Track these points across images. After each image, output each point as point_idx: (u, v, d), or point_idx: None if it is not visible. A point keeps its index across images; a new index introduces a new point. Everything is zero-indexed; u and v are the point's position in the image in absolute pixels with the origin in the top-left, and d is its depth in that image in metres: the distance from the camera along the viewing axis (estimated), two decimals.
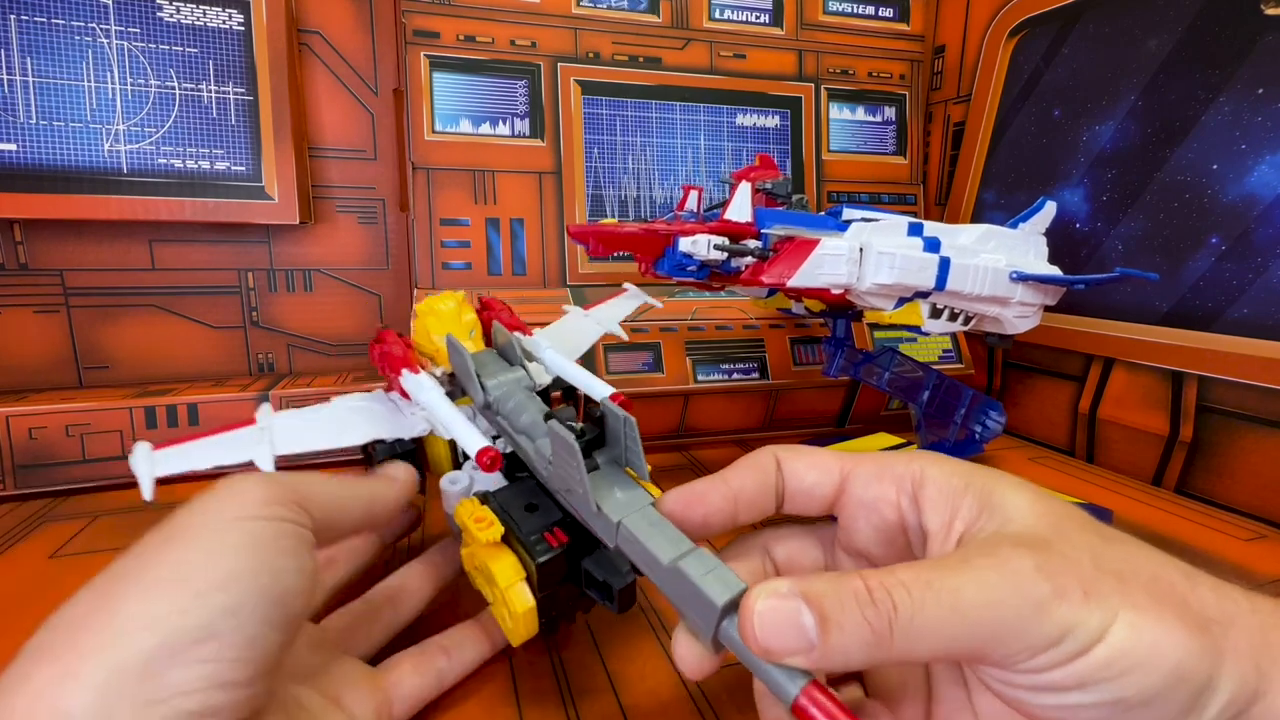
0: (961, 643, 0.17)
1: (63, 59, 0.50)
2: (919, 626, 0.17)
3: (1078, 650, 0.17)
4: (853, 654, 0.17)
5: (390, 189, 0.63)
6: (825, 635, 0.17)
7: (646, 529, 0.21)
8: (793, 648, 0.17)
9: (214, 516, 0.19)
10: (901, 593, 0.18)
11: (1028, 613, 0.17)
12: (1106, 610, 0.17)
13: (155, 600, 0.17)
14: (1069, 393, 0.59)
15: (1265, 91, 0.45)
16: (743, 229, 0.37)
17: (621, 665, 0.30)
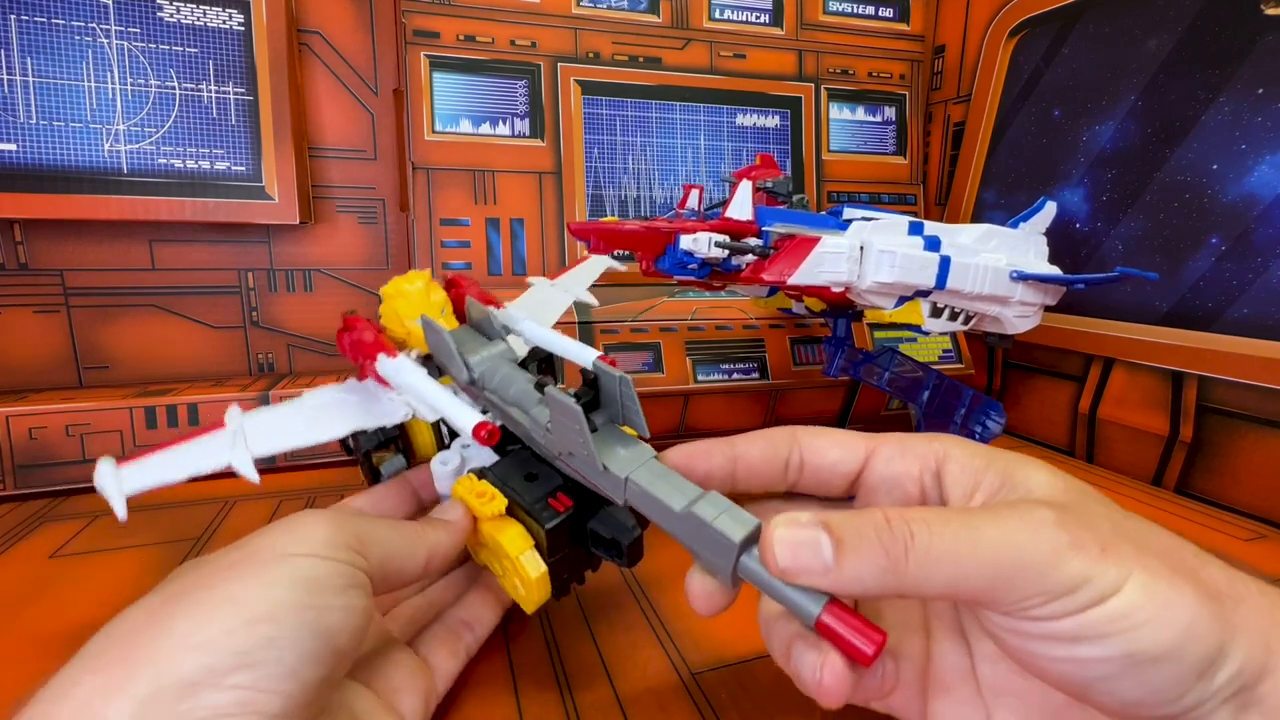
0: (975, 580, 0.18)
1: (63, 59, 0.50)
2: (934, 556, 0.18)
3: (1091, 600, 0.17)
4: (867, 578, 0.18)
5: (390, 189, 0.63)
6: (841, 558, 0.18)
7: (655, 481, 0.22)
8: (810, 569, 0.18)
9: (271, 550, 0.20)
10: (920, 525, 0.18)
11: (1044, 558, 0.18)
12: (1122, 567, 0.18)
13: (206, 623, 0.17)
14: (1069, 393, 0.59)
15: (1265, 91, 0.45)
16: (744, 227, 0.37)
17: (619, 656, 0.30)
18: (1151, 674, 0.17)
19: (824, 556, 0.18)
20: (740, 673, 0.29)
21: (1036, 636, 0.18)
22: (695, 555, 0.21)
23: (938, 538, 0.18)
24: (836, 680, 0.19)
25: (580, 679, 0.29)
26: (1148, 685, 0.17)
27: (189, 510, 0.45)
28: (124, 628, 0.18)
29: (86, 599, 0.34)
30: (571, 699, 0.28)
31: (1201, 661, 0.17)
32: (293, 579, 0.19)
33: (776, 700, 0.28)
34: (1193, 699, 0.17)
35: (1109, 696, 0.18)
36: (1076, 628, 0.17)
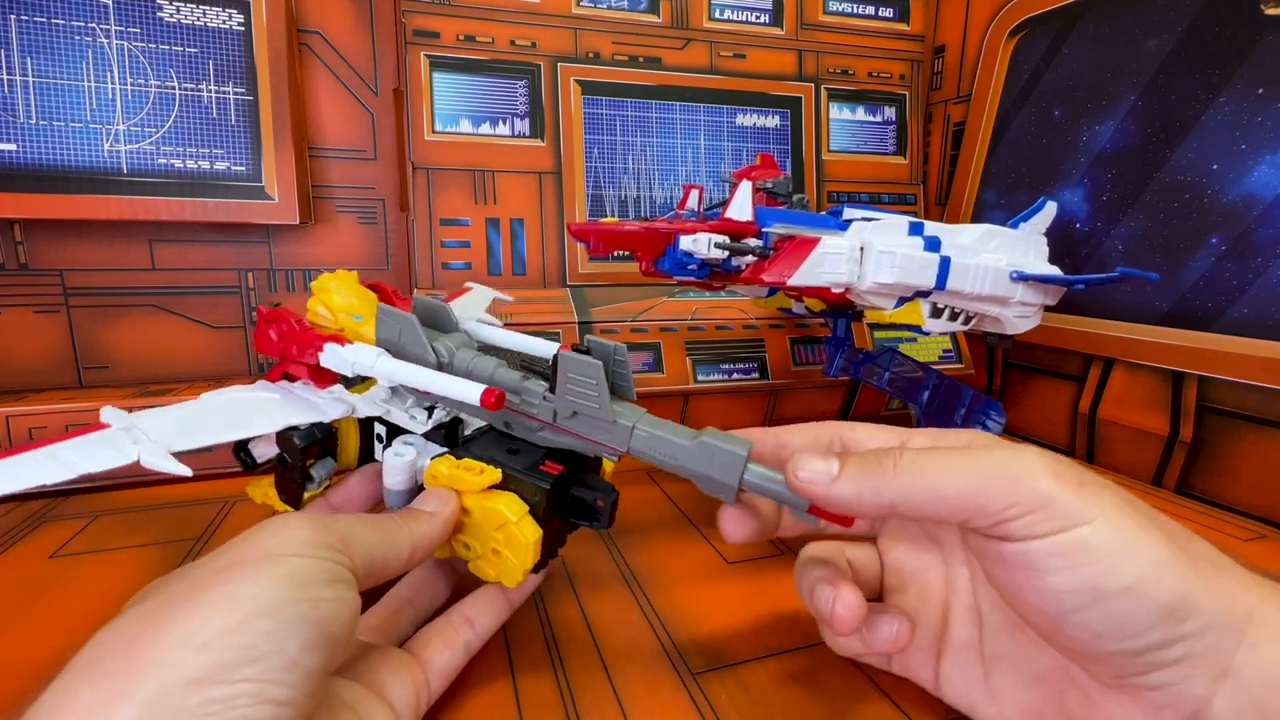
0: (954, 487, 0.21)
1: (63, 59, 0.50)
2: (919, 469, 0.21)
3: (1061, 524, 0.20)
4: (863, 487, 0.22)
5: (390, 189, 0.63)
6: (843, 471, 0.22)
7: (659, 426, 0.26)
8: (817, 479, 0.23)
9: (258, 551, 0.20)
10: (909, 453, 0.22)
11: (1021, 473, 0.20)
12: (1095, 505, 0.20)
13: (206, 623, 0.18)
14: (1069, 393, 0.59)
15: (1265, 91, 0.45)
16: (744, 228, 0.37)
17: (619, 656, 0.30)
18: (1116, 606, 0.19)
19: (831, 470, 0.22)
20: (740, 673, 0.29)
21: (1017, 565, 0.21)
22: (700, 480, 0.25)
23: (923, 457, 0.22)
24: (846, 609, 0.24)
25: (580, 678, 0.29)
26: (1112, 618, 0.19)
27: (189, 510, 0.45)
28: (118, 636, 0.18)
29: (86, 599, 0.34)
30: (572, 699, 0.28)
31: (1166, 603, 0.19)
32: (283, 576, 0.19)
33: (777, 700, 0.28)
34: (1156, 637, 0.19)
35: (1080, 629, 0.20)
36: (1046, 550, 0.20)
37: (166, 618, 0.18)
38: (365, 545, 0.23)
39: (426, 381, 0.27)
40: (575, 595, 0.35)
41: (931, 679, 0.26)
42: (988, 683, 0.25)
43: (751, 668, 0.30)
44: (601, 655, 0.30)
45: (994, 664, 0.25)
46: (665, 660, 0.30)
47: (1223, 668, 0.19)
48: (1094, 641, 0.20)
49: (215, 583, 0.19)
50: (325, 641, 0.19)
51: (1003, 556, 0.21)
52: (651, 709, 0.27)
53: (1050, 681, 0.23)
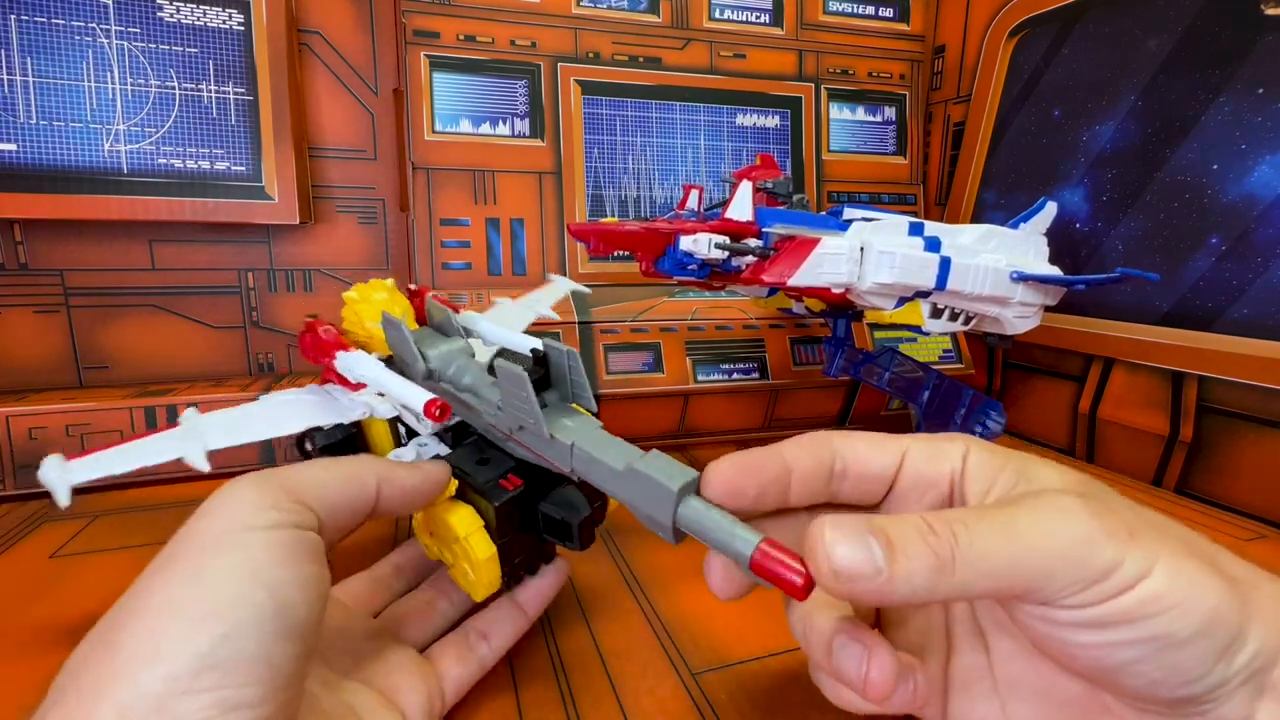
0: (1017, 575, 0.18)
1: (63, 59, 0.50)
2: (978, 555, 0.18)
3: (1125, 585, 0.18)
4: (918, 580, 0.18)
5: (390, 189, 0.63)
6: (893, 561, 0.18)
7: (600, 445, 0.22)
8: (863, 573, 0.18)
9: (203, 537, 0.19)
10: (960, 526, 0.18)
11: (1079, 545, 0.18)
12: (1149, 552, 0.18)
13: (152, 634, 0.16)
14: (1069, 393, 0.59)
15: (1265, 91, 0.45)
16: (744, 228, 0.37)
17: (619, 656, 0.30)
18: (1179, 656, 0.18)
19: (876, 560, 0.18)
20: (740, 673, 0.29)
21: (1069, 625, 0.18)
22: (637, 513, 0.21)
23: (979, 537, 0.18)
24: (883, 674, 0.20)
25: (580, 679, 0.29)
26: (1174, 666, 0.18)
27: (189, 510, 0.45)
28: (78, 656, 0.17)
29: (86, 599, 0.34)
30: (571, 698, 0.28)
31: (1225, 642, 0.17)
32: (231, 565, 0.18)
33: (777, 700, 0.28)
34: (1215, 679, 0.18)
35: (1137, 679, 0.18)
36: (1108, 614, 0.18)
37: (116, 636, 0.17)
38: (320, 486, 0.21)
39: (387, 385, 0.28)
40: (575, 595, 0.35)
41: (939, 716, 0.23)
42: (1005, 713, 0.22)
43: (751, 668, 0.30)
44: (601, 655, 0.30)
45: (1010, 693, 0.22)
46: (665, 660, 0.30)
47: (1263, 685, 0.18)
48: (1150, 689, 0.18)
49: (160, 585, 0.18)
50: (290, 630, 0.18)
51: (1053, 619, 0.19)
52: (651, 709, 0.27)
53: (1078, 707, 0.21)
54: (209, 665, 0.16)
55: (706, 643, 0.31)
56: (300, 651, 0.18)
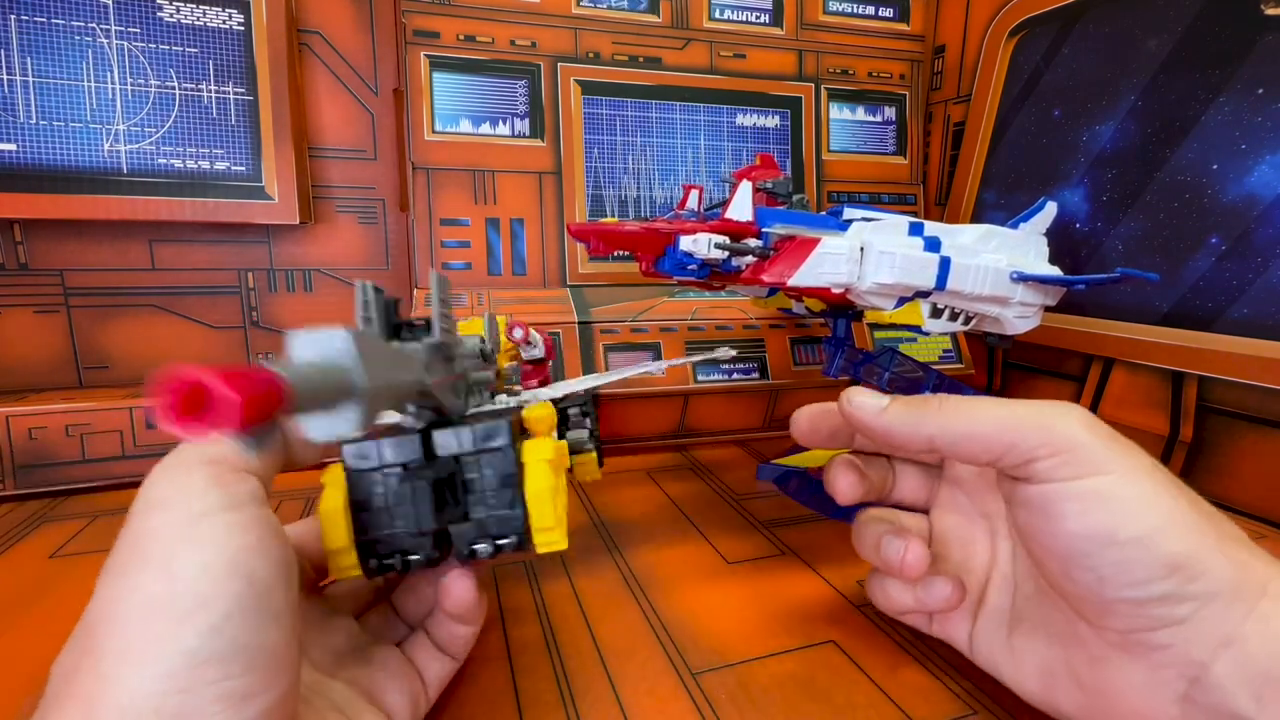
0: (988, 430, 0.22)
1: (63, 59, 0.50)
2: (957, 410, 0.23)
3: (1083, 470, 0.21)
4: (905, 418, 0.25)
5: (390, 189, 0.63)
6: (892, 404, 0.25)
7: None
8: (867, 408, 0.26)
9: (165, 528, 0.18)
10: (953, 398, 0.24)
11: (1053, 419, 0.22)
12: (1121, 459, 0.21)
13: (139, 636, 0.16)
14: (1069, 393, 0.59)
15: (1265, 91, 0.45)
16: (743, 228, 0.37)
17: (619, 656, 0.30)
18: (1123, 553, 0.20)
19: (881, 403, 0.25)
20: (740, 673, 0.29)
21: (1036, 506, 0.22)
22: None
23: (964, 402, 0.23)
24: (916, 556, 0.27)
25: (580, 679, 0.29)
26: (1118, 564, 0.20)
27: None
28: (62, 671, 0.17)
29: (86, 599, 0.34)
30: (572, 699, 0.28)
31: (1175, 558, 0.19)
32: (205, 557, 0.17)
33: (777, 700, 0.28)
34: (1160, 590, 0.20)
35: (1087, 572, 0.21)
36: (1066, 493, 0.21)
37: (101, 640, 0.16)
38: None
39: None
40: (575, 596, 0.35)
41: (965, 640, 0.28)
42: (1009, 642, 0.26)
43: (751, 668, 0.30)
44: (601, 655, 0.30)
45: (1016, 625, 0.26)
46: (665, 660, 0.30)
47: (1228, 635, 0.19)
48: (1098, 586, 0.21)
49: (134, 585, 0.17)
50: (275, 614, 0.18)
51: (1025, 499, 0.22)
52: (651, 709, 0.27)
53: (1061, 640, 0.24)
54: (203, 660, 0.16)
55: (706, 643, 0.31)
56: (289, 634, 0.18)
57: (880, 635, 0.32)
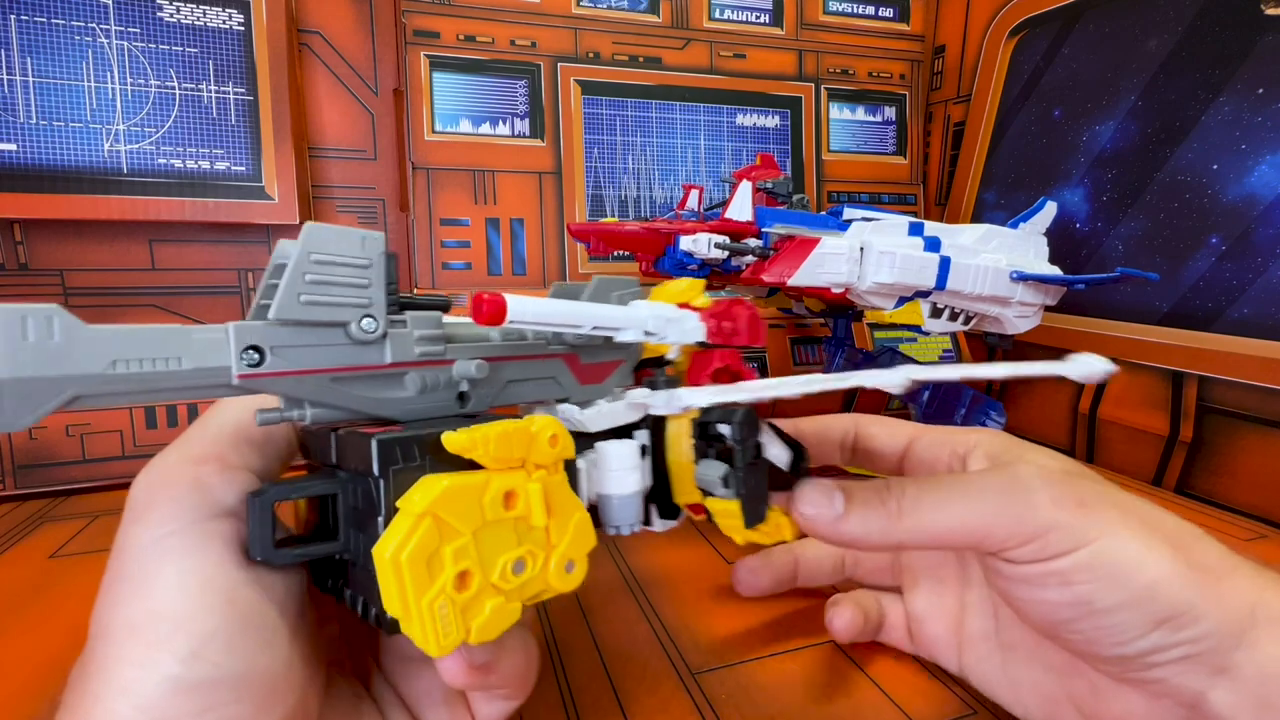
0: (956, 526, 0.21)
1: (63, 59, 0.50)
2: (923, 506, 0.21)
3: (1061, 549, 0.20)
4: (871, 526, 0.21)
5: (390, 189, 0.63)
6: (849, 509, 0.22)
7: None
8: (823, 516, 0.22)
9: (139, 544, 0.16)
10: (912, 485, 0.22)
11: (1020, 506, 0.20)
12: (1097, 525, 0.20)
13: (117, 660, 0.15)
14: (1069, 393, 0.59)
15: (1265, 91, 0.45)
16: (743, 228, 0.37)
17: (619, 656, 0.30)
18: (1108, 620, 0.19)
19: (836, 507, 0.22)
20: (740, 673, 0.29)
21: (1016, 580, 0.21)
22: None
23: (927, 491, 0.21)
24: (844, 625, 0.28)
25: (580, 678, 0.29)
26: (1106, 629, 0.20)
27: None
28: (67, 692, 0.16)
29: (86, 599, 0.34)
30: (572, 699, 0.28)
31: (1160, 616, 0.19)
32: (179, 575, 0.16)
33: (777, 700, 0.28)
34: (1149, 644, 0.19)
35: (1075, 635, 0.20)
36: (1045, 573, 0.20)
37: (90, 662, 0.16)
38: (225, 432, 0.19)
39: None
40: (575, 596, 0.35)
41: (955, 666, 0.28)
42: (1006, 672, 0.26)
43: (751, 668, 0.30)
44: (601, 655, 0.30)
45: (1009, 653, 0.25)
46: (665, 660, 0.30)
47: (1221, 665, 0.19)
48: (1089, 647, 0.20)
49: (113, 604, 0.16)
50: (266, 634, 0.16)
51: (1000, 570, 0.21)
52: (651, 709, 0.27)
53: (1059, 672, 0.24)
54: (185, 689, 0.15)
55: (706, 643, 0.31)
56: (289, 654, 0.17)
57: None
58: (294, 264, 0.16)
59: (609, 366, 0.23)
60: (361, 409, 0.18)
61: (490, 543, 0.17)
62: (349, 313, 0.17)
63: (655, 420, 0.23)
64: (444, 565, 0.16)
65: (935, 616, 0.28)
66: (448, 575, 0.16)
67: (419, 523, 0.16)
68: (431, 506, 0.16)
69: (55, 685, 0.27)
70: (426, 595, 0.16)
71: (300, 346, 0.16)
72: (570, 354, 0.22)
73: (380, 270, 0.17)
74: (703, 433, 0.22)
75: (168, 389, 0.15)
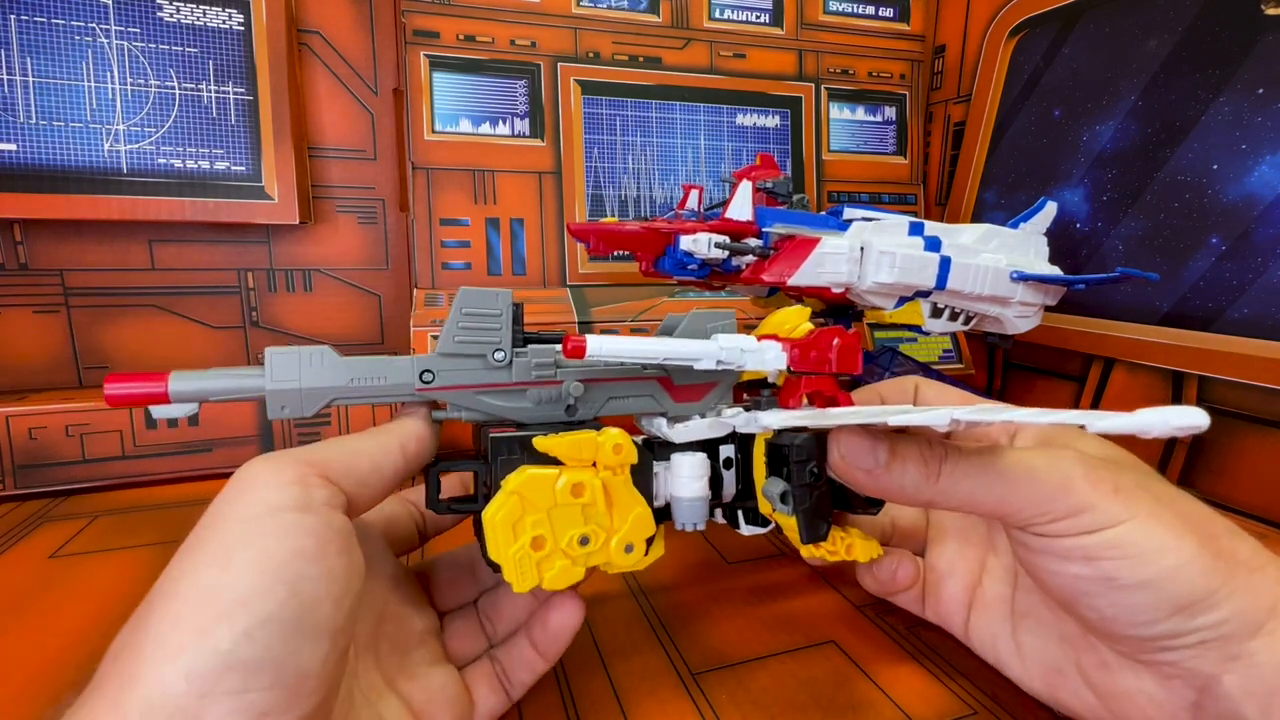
0: (992, 494, 0.21)
1: (63, 59, 0.50)
2: (960, 472, 0.21)
3: (1089, 527, 0.20)
4: (906, 482, 0.22)
5: (390, 189, 0.63)
6: (891, 461, 0.22)
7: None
8: (862, 464, 0.22)
9: (229, 519, 0.17)
10: (954, 449, 0.22)
11: (1055, 484, 0.21)
12: (1129, 508, 0.20)
13: (175, 624, 0.15)
14: (1069, 393, 0.59)
15: (1265, 91, 0.45)
16: (744, 227, 0.37)
17: (619, 656, 0.30)
18: (1127, 598, 0.20)
19: (879, 458, 0.22)
20: (740, 673, 0.29)
21: (1040, 551, 0.21)
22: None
23: (966, 459, 0.22)
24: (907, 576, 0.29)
25: (580, 678, 0.29)
26: (1123, 606, 0.20)
27: (189, 510, 0.45)
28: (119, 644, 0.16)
29: (86, 599, 0.34)
30: (572, 699, 0.28)
31: (1180, 600, 0.19)
32: (256, 556, 0.17)
33: (777, 700, 0.28)
34: (1165, 629, 0.20)
35: (1092, 611, 0.21)
36: (1071, 548, 0.20)
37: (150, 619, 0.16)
38: (349, 456, 0.21)
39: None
40: None
41: (961, 627, 0.28)
42: (1014, 637, 0.26)
43: (751, 668, 0.30)
44: (601, 655, 0.30)
45: (1021, 620, 0.26)
46: (665, 660, 0.30)
47: (1235, 652, 0.19)
48: (1103, 623, 0.21)
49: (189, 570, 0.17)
50: (316, 630, 0.17)
51: (1026, 542, 0.22)
52: (651, 709, 0.27)
53: (1072, 643, 0.24)
54: (230, 665, 0.15)
55: (706, 643, 0.31)
56: (329, 653, 0.17)
57: (880, 635, 0.32)
58: (451, 316, 0.23)
59: (704, 388, 0.27)
60: (496, 414, 0.24)
61: (561, 520, 0.23)
62: (486, 347, 0.24)
63: (744, 437, 0.27)
64: (524, 530, 0.23)
65: (954, 575, 0.29)
66: (526, 537, 0.22)
67: (508, 498, 0.22)
68: (517, 488, 0.22)
69: (55, 685, 0.27)
70: (511, 548, 0.22)
71: (455, 370, 0.24)
72: (664, 376, 0.26)
73: (508, 316, 0.24)
74: (775, 453, 0.26)
75: (379, 396, 0.23)
